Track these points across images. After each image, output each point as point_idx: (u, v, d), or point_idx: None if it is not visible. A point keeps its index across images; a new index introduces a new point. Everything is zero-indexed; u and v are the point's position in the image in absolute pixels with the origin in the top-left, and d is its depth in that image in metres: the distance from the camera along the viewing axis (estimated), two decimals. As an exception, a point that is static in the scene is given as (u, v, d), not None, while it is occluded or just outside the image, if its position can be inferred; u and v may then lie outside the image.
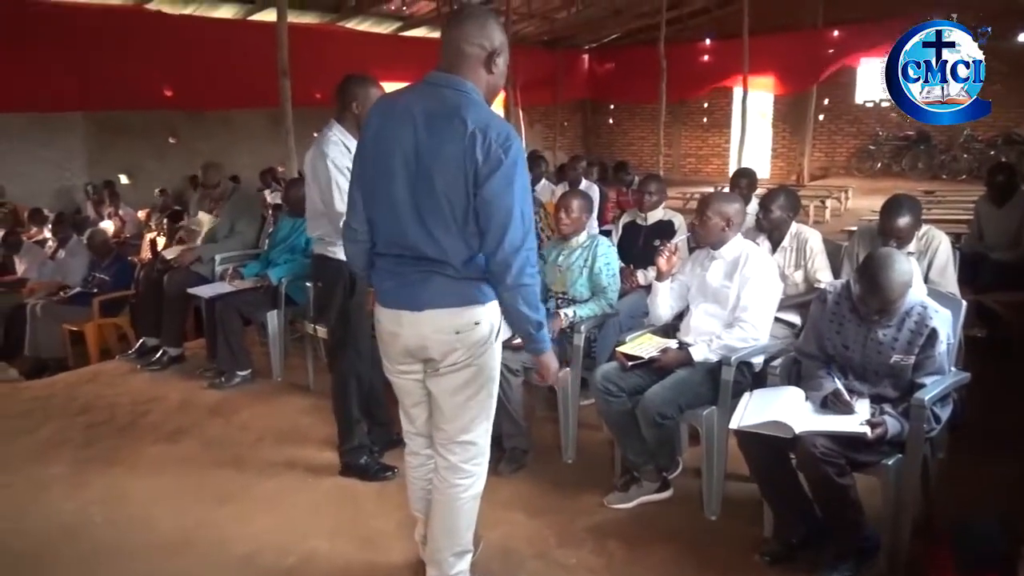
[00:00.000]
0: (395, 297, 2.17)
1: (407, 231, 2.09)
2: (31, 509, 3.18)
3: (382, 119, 2.14)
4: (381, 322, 2.26)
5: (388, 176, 2.09)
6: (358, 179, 2.21)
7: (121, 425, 4.05)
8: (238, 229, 5.19)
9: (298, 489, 3.31)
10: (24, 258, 6.86)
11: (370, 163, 2.15)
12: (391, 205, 2.10)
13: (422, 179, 2.05)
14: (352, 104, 3.25)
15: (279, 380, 4.62)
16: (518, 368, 3.33)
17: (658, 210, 4.53)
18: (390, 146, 2.09)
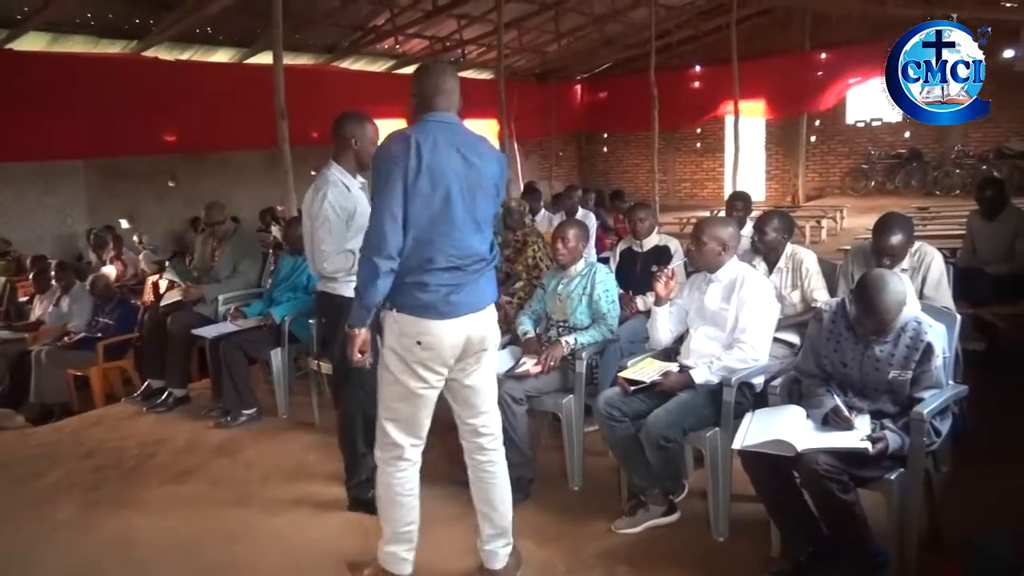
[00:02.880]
0: (460, 304, 2.45)
1: (467, 239, 2.44)
2: (40, 554, 3.19)
3: (430, 155, 2.38)
4: (438, 335, 2.43)
5: (447, 197, 2.39)
6: (420, 207, 2.38)
7: (128, 467, 4.07)
8: (240, 269, 5.25)
9: (307, 525, 3.32)
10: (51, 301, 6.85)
11: (428, 191, 2.38)
12: (452, 221, 2.40)
13: (470, 195, 2.43)
14: (351, 141, 3.36)
15: (284, 417, 4.65)
16: (521, 397, 3.36)
17: (653, 236, 4.58)
18: (445, 174, 2.39)
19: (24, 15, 9.32)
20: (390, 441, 2.58)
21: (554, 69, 18.04)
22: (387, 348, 2.49)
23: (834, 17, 14.62)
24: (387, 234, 2.35)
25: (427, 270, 2.40)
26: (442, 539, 3.13)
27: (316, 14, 11.25)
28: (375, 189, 2.42)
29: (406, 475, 2.62)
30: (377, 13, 12.36)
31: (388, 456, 2.60)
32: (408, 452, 2.60)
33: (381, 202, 2.37)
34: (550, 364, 3.44)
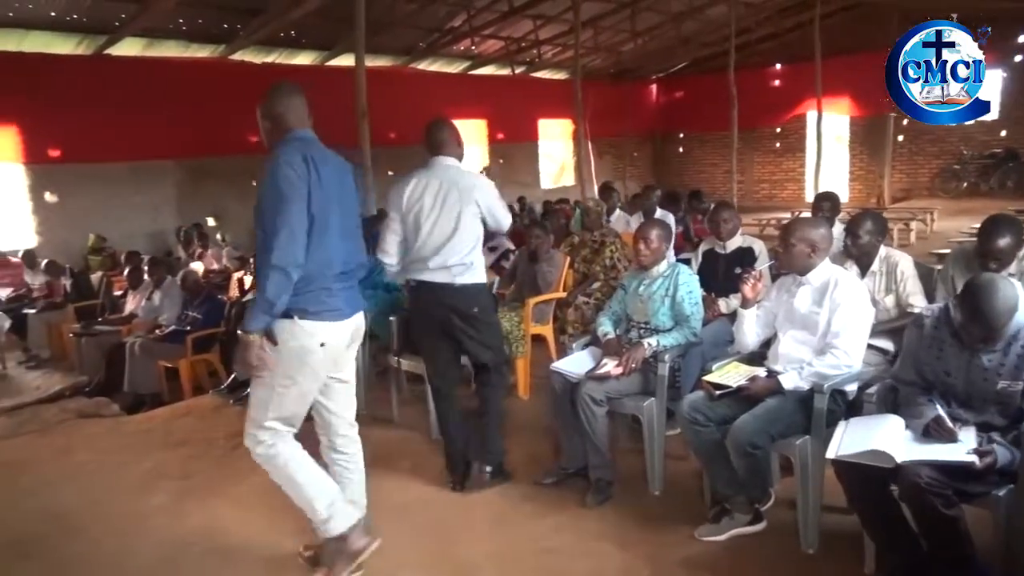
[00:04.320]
0: (351, 306, 2.71)
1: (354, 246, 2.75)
2: (135, 538, 3.31)
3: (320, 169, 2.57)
4: (338, 336, 2.67)
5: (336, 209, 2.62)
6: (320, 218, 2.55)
7: (217, 457, 4.20)
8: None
9: (389, 520, 3.34)
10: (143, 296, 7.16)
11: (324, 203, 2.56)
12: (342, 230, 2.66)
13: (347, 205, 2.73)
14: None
15: (363, 413, 4.69)
16: (602, 398, 3.32)
17: (736, 237, 4.48)
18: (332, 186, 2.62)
19: (121, 22, 9.79)
20: (271, 433, 2.70)
21: (629, 69, 17.89)
22: (288, 355, 2.57)
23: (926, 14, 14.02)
24: (297, 245, 2.47)
25: (329, 276, 2.59)
26: (515, 538, 3.13)
27: (395, 17, 11.44)
28: (278, 203, 2.48)
29: (293, 447, 2.75)
30: (454, 15, 12.49)
31: (271, 442, 2.71)
32: (285, 433, 2.74)
33: (288, 214, 2.47)
34: (631, 366, 3.39)
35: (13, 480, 4.05)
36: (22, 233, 10.21)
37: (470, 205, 3.46)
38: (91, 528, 3.41)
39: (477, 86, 14.82)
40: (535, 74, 16.40)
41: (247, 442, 2.74)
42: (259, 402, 2.67)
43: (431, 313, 3.55)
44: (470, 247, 3.48)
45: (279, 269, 2.45)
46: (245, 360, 2.58)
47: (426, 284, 3.51)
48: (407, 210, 3.49)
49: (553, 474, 3.56)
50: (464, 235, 3.45)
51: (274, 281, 2.45)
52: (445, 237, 3.44)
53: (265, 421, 2.67)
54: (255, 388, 2.69)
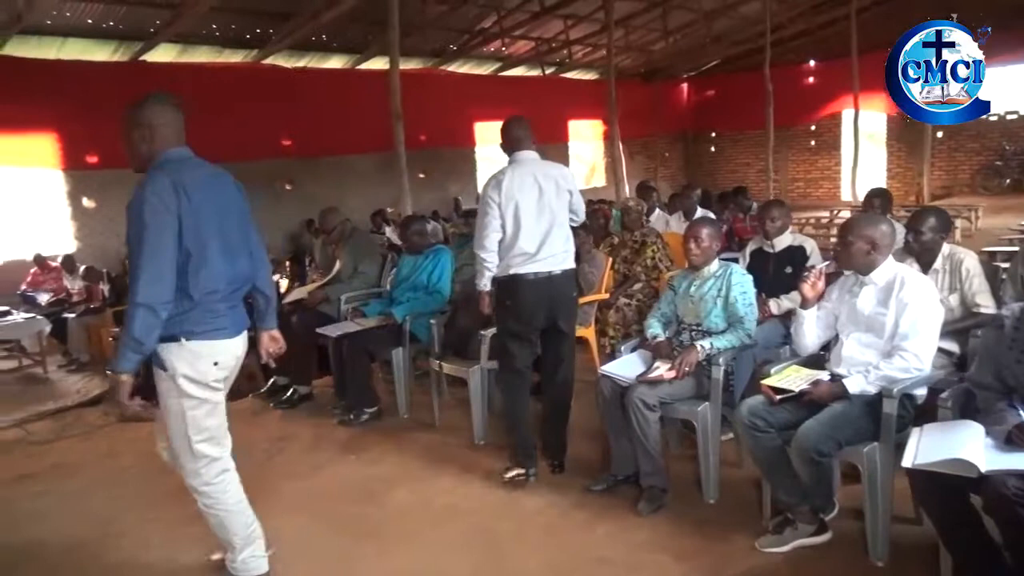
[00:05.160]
0: (238, 323, 2.64)
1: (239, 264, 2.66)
2: (177, 546, 3.26)
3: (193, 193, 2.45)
4: (229, 352, 2.59)
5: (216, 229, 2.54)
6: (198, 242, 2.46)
7: (259, 462, 4.15)
8: (361, 269, 5.32)
9: (434, 527, 3.29)
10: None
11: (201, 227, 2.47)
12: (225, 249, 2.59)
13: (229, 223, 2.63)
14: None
15: (405, 417, 4.66)
16: (654, 403, 3.22)
17: (786, 235, 4.34)
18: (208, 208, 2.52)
19: (156, 28, 9.87)
20: (208, 459, 2.62)
21: (660, 68, 17.73)
22: (181, 378, 2.49)
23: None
24: (163, 282, 2.38)
25: (215, 299, 2.52)
26: (567, 548, 3.04)
27: (425, 19, 11.41)
28: (143, 239, 2.35)
29: (231, 483, 2.69)
30: (484, 16, 12.45)
31: (211, 474, 2.63)
32: (226, 460, 2.68)
33: (154, 249, 2.36)
34: (684, 369, 3.28)
35: (60, 483, 4.05)
36: (61, 238, 10.33)
37: (563, 194, 3.61)
38: (134, 534, 3.38)
39: (507, 87, 14.77)
40: (565, 75, 16.31)
41: (189, 481, 2.64)
42: (177, 434, 2.58)
43: (530, 304, 3.56)
44: (566, 235, 3.65)
45: (145, 307, 2.35)
46: (119, 401, 2.48)
47: (525, 276, 3.52)
48: (505, 206, 3.49)
49: (603, 481, 3.46)
50: (563, 224, 3.61)
51: (140, 319, 2.34)
52: (547, 228, 3.54)
53: (193, 446, 2.58)
54: (169, 424, 2.58)
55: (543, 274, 3.54)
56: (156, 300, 2.35)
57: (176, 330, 2.45)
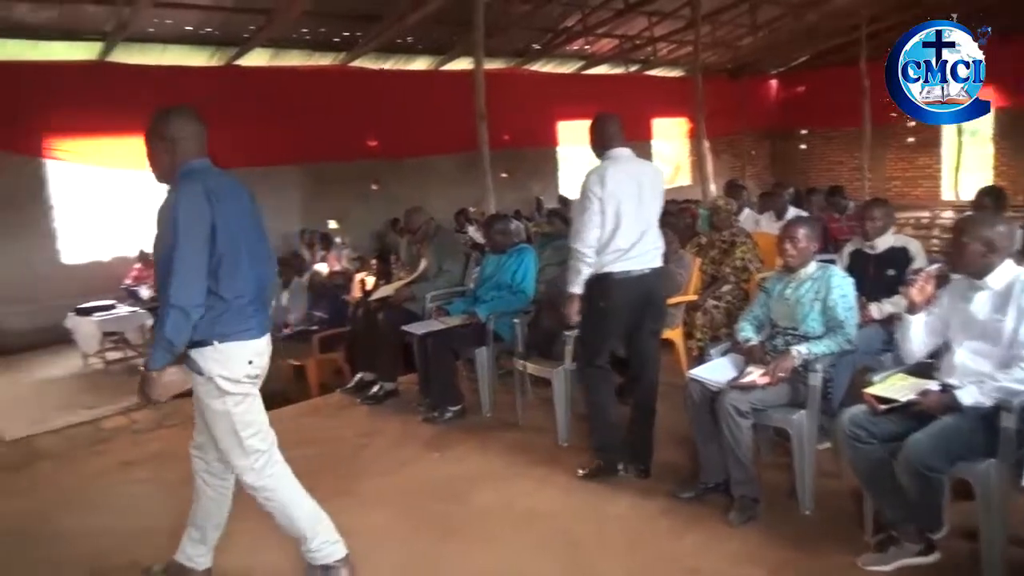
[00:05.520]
0: (266, 322, 2.71)
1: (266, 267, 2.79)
2: (265, 539, 3.33)
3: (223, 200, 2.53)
4: (260, 350, 2.65)
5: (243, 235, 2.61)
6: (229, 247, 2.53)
7: (345, 456, 4.23)
8: (445, 268, 5.36)
9: (516, 529, 3.26)
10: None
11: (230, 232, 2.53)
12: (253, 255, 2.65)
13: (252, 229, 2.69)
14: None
15: (488, 416, 4.66)
16: (747, 410, 3.11)
17: (887, 236, 4.13)
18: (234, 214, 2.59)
19: (250, 34, 10.20)
20: (259, 453, 2.65)
21: (747, 64, 17.24)
22: (218, 379, 2.55)
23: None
24: (196, 285, 2.44)
25: (244, 303, 2.58)
26: (654, 557, 2.97)
27: (509, 19, 11.42)
28: (177, 243, 2.42)
29: (285, 475, 2.73)
30: (568, 15, 12.36)
31: (265, 468, 2.67)
32: (274, 452, 2.72)
33: (187, 253, 2.42)
34: (779, 375, 3.15)
35: (160, 471, 4.21)
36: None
37: (658, 193, 3.64)
38: (226, 527, 3.47)
39: (590, 86, 14.63)
40: (649, 72, 16.06)
41: (245, 479, 2.69)
42: (226, 435, 2.62)
43: (621, 303, 3.53)
44: (658, 233, 3.66)
45: (178, 309, 2.41)
46: (146, 396, 2.54)
47: (618, 274, 3.49)
48: (606, 201, 3.45)
49: (691, 488, 3.36)
50: (656, 223, 3.63)
51: (173, 321, 2.41)
52: (646, 225, 3.54)
53: (244, 443, 2.62)
54: (216, 430, 2.63)
55: (636, 272, 3.51)
56: (189, 303, 2.42)
57: (209, 333, 2.52)
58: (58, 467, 4.44)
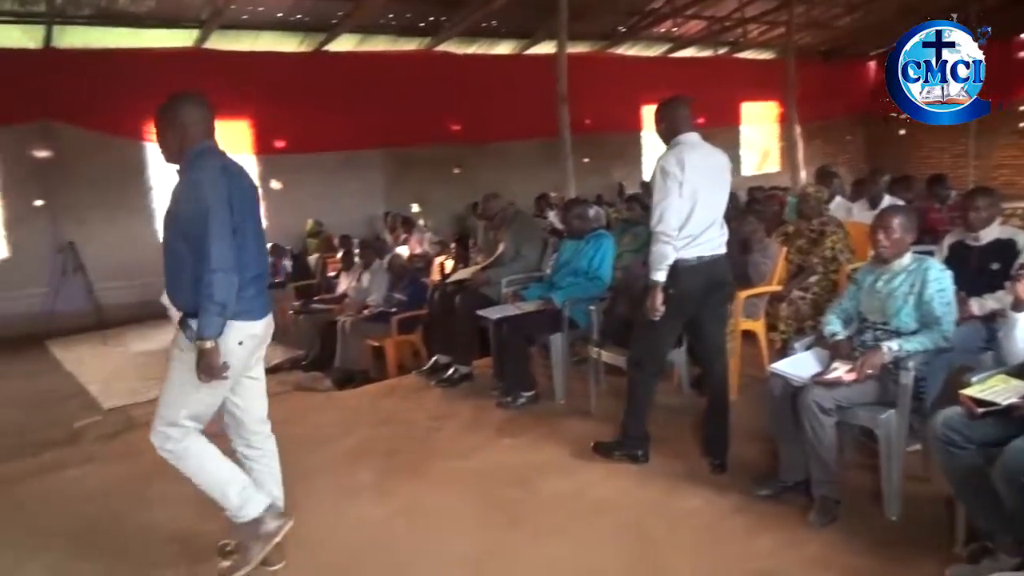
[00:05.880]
0: (265, 306, 2.78)
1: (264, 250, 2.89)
2: (340, 516, 3.41)
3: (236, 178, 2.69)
4: (253, 333, 2.72)
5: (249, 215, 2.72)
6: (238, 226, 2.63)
7: (419, 438, 4.28)
8: (522, 253, 5.33)
9: (585, 519, 3.22)
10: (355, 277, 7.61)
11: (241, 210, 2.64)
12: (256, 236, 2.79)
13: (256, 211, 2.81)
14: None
15: (561, 403, 4.63)
16: (831, 407, 2.96)
17: (993, 228, 3.86)
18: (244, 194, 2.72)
19: (338, 20, 10.38)
20: (186, 429, 2.72)
21: (842, 45, 16.49)
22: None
23: None
24: (230, 249, 2.55)
25: (246, 279, 2.65)
26: (725, 555, 2.88)
27: (594, 2, 11.24)
28: (206, 213, 2.52)
29: (199, 440, 2.76)
30: (655, -4, 12.09)
31: (182, 438, 2.71)
32: (193, 429, 2.75)
33: (218, 221, 2.53)
34: (866, 372, 2.99)
35: (240, 445, 4.36)
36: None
37: (728, 179, 3.59)
38: (303, 501, 3.54)
39: (677, 69, 14.28)
40: (738, 55, 15.56)
41: (154, 439, 2.74)
42: (172, 401, 2.71)
43: (691, 290, 3.46)
44: (723, 221, 3.58)
45: (221, 271, 2.52)
46: (212, 369, 2.58)
47: (689, 260, 3.43)
48: (685, 185, 3.38)
49: (769, 486, 3.24)
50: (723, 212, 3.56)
51: (219, 284, 2.52)
52: (716, 213, 3.50)
53: (178, 419, 2.70)
54: (169, 386, 2.72)
55: (706, 258, 3.45)
56: (229, 264, 2.54)
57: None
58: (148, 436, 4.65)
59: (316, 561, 3.00)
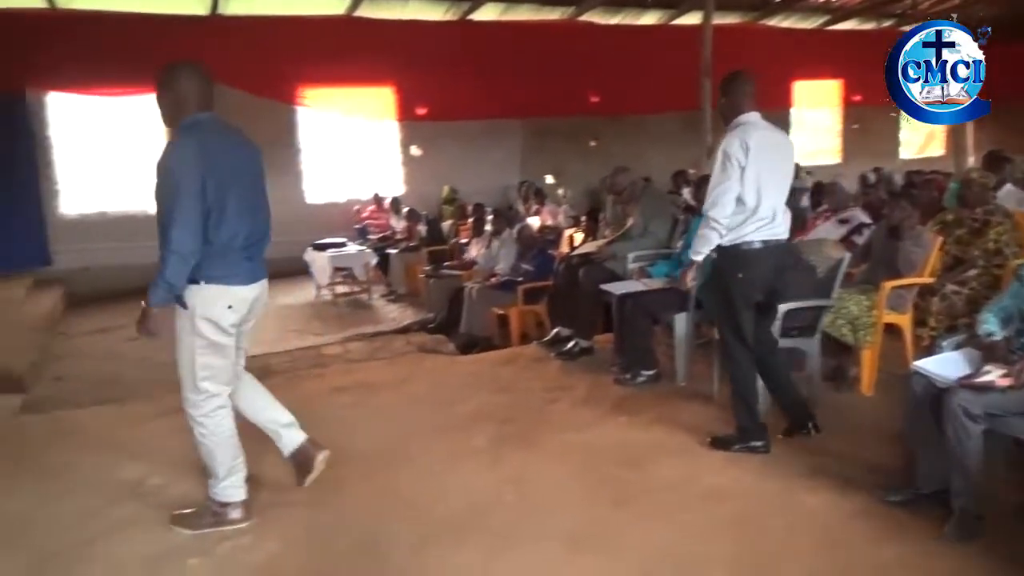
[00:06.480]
0: (254, 272, 2.95)
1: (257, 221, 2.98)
2: (450, 479, 3.46)
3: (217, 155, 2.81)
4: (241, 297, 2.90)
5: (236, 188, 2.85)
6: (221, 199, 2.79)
7: (535, 408, 4.29)
8: (651, 229, 5.20)
9: (697, 506, 3.11)
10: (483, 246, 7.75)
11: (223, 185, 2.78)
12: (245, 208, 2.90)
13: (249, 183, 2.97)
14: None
15: (682, 384, 4.49)
16: (979, 413, 2.69)
17: None
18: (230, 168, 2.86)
19: (482, -12, 10.45)
20: (208, 395, 2.91)
21: None
22: (199, 319, 2.83)
23: None
24: (191, 233, 2.70)
25: (234, 248, 2.83)
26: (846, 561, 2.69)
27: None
28: (172, 194, 2.69)
29: (226, 418, 2.97)
30: (814, -37, 11.36)
31: (209, 408, 2.91)
32: (224, 398, 2.96)
33: (182, 205, 2.68)
34: (1024, 379, 2.70)
35: (365, 400, 4.55)
36: (392, 182, 11.60)
37: (793, 163, 3.55)
38: (417, 459, 3.66)
39: (831, 42, 13.41)
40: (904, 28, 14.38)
41: (184, 406, 2.95)
42: (185, 367, 2.90)
43: (761, 273, 3.47)
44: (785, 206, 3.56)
45: (176, 254, 2.70)
46: (146, 329, 2.82)
47: (760, 243, 3.41)
48: (749, 168, 3.32)
49: (902, 492, 2.99)
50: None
51: (172, 264, 2.71)
52: (783, 193, 3.47)
53: (197, 382, 2.89)
54: (179, 356, 2.91)
55: (773, 242, 3.44)
56: (186, 249, 2.70)
57: (197, 274, 2.79)
58: (283, 384, 4.94)
59: (424, 519, 3.08)
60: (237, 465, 3.03)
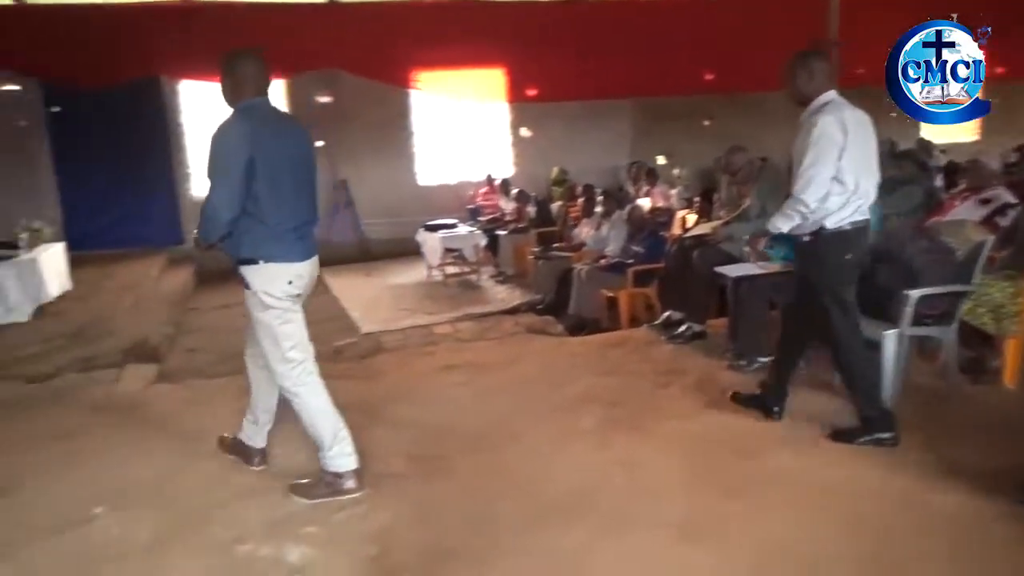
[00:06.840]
0: (307, 249, 3.10)
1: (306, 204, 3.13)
2: (558, 460, 3.44)
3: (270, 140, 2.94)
4: (301, 272, 3.06)
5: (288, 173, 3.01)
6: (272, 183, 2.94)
7: (644, 392, 4.20)
8: (769, 210, 4.95)
9: (816, 501, 2.95)
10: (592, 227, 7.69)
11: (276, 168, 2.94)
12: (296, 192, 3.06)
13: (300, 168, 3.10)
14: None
15: (801, 372, 4.27)
16: None
17: None
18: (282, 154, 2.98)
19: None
20: (295, 363, 3.04)
21: None
22: (262, 294, 2.97)
23: None
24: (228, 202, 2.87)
25: (287, 228, 2.97)
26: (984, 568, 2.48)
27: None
28: (217, 169, 2.86)
29: (318, 386, 3.09)
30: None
31: (299, 376, 3.05)
32: (311, 364, 3.10)
33: (223, 178, 2.86)
34: None
35: (473, 380, 4.59)
36: (503, 164, 11.65)
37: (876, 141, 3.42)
38: (524, 439, 3.66)
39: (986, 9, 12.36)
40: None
41: (279, 381, 3.09)
42: (270, 345, 3.04)
43: (861, 255, 3.46)
44: None
45: (211, 220, 2.90)
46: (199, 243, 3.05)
47: (860, 223, 3.37)
48: (846, 149, 3.24)
49: (1049, 496, 2.76)
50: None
51: (205, 226, 2.94)
52: (876, 173, 3.39)
53: (284, 353, 3.02)
54: (261, 338, 3.06)
55: (863, 222, 3.39)
56: (221, 219, 2.89)
57: (255, 253, 2.96)
58: (394, 361, 5.07)
59: (533, 499, 3.07)
60: (341, 434, 3.12)
